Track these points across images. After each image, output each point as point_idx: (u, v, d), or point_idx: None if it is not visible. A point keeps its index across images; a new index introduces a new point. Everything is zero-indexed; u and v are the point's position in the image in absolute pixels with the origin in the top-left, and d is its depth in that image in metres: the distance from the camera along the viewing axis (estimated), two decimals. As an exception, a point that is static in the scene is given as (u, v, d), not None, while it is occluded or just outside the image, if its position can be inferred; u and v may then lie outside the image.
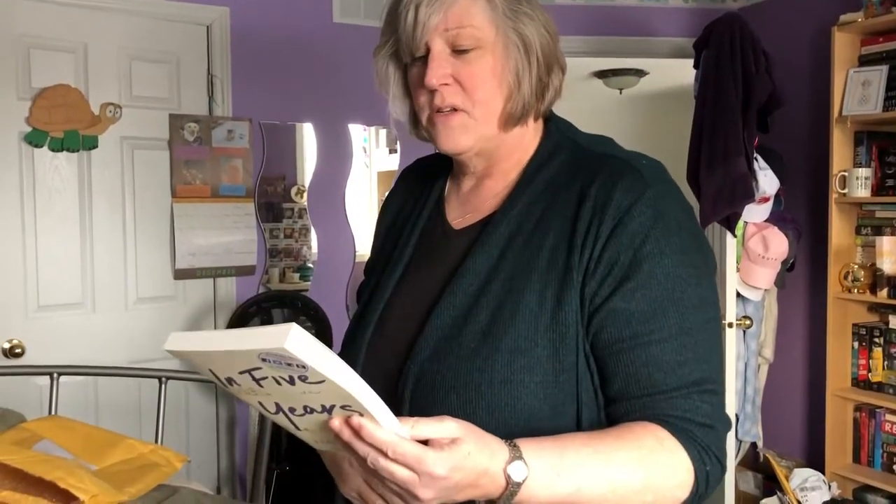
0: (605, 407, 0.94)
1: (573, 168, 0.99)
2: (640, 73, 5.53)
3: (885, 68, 2.96)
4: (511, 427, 0.90)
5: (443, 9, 0.94)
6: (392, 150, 3.78)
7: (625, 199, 0.92)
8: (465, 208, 1.06)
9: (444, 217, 1.08)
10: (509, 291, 0.94)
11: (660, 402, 0.90)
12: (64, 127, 2.80)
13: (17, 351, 2.73)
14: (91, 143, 2.87)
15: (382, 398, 0.86)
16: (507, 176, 1.03)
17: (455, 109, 0.97)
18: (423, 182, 1.15)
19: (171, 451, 1.51)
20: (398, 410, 0.95)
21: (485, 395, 0.91)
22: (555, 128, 1.05)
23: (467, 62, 0.95)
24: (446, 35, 0.95)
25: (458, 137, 0.98)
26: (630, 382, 0.91)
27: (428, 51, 0.96)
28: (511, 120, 0.98)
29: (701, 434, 0.89)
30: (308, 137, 3.45)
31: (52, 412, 2.12)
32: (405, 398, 0.95)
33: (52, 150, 2.80)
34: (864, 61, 3.05)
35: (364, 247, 3.55)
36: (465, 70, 0.95)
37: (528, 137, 1.03)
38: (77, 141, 2.83)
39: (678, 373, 0.90)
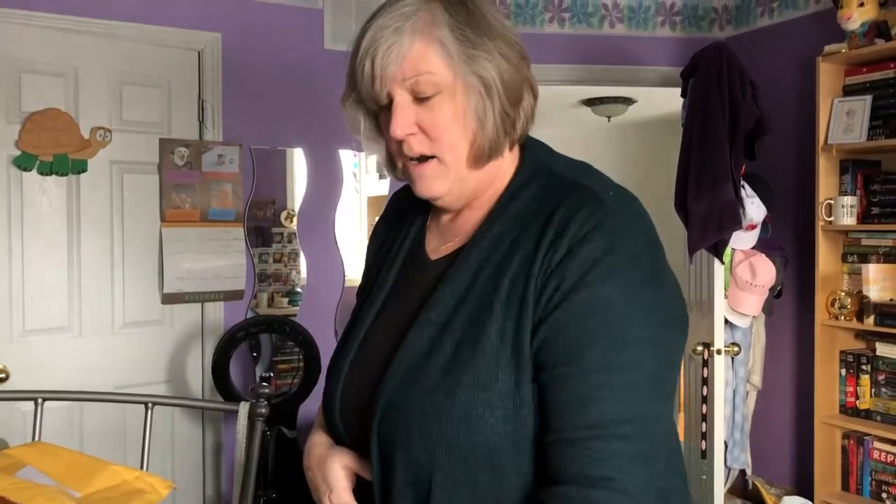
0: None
1: (545, 196, 0.97)
2: (628, 101, 5.58)
3: (868, 98, 3.00)
4: (470, 463, 0.90)
5: (399, 60, 0.93)
6: (382, 176, 3.79)
7: (581, 230, 0.90)
8: (443, 238, 1.06)
9: (424, 246, 1.08)
10: (474, 323, 0.93)
11: (564, 451, 0.87)
12: (53, 150, 2.80)
13: (2, 376, 2.70)
14: (80, 167, 2.86)
15: (355, 429, 0.85)
16: (483, 207, 1.02)
17: (425, 157, 0.97)
18: (410, 208, 1.14)
19: (156, 477, 1.49)
20: (367, 443, 0.96)
21: (445, 431, 0.90)
22: (530, 155, 1.04)
23: (429, 109, 0.95)
24: (405, 84, 0.94)
25: (432, 185, 0.99)
26: (550, 414, 0.89)
27: (391, 100, 0.96)
28: (480, 160, 0.98)
29: (595, 496, 0.85)
30: (298, 162, 3.46)
31: (37, 438, 2.10)
32: (373, 430, 0.95)
33: (41, 173, 2.79)
34: (849, 91, 3.09)
35: (353, 272, 3.54)
36: (428, 117, 0.95)
37: (504, 168, 1.02)
38: (66, 164, 2.83)
39: (589, 409, 0.87)
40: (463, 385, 0.90)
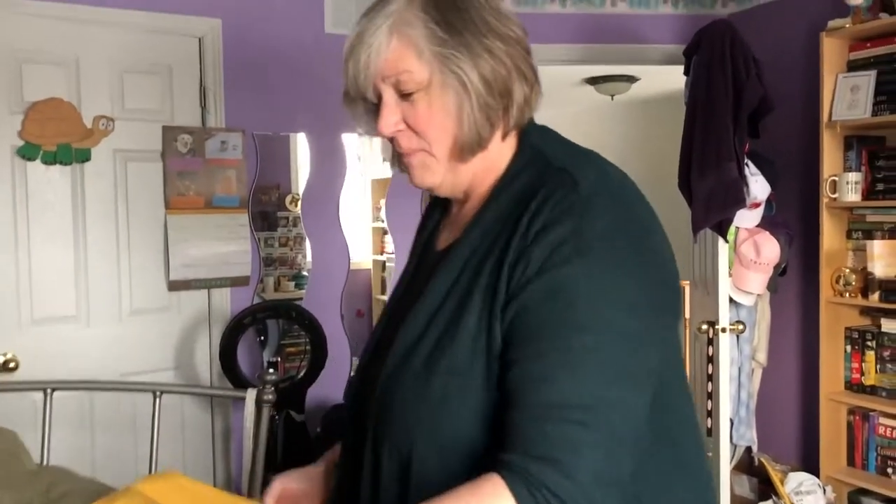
0: None
1: (534, 185, 0.96)
2: (631, 78, 5.56)
3: (873, 73, 2.98)
4: (447, 450, 0.91)
5: (377, 60, 0.96)
6: (386, 159, 3.79)
7: (551, 214, 0.90)
8: (451, 230, 1.09)
9: (437, 238, 1.12)
10: (457, 312, 0.94)
11: (512, 429, 0.86)
12: (56, 140, 2.80)
13: (11, 365, 2.72)
14: (84, 156, 2.87)
15: (363, 415, 0.87)
16: (482, 198, 1.03)
17: (416, 150, 1.00)
18: (438, 200, 1.16)
19: None
20: (367, 428, 1.00)
21: (422, 419, 0.92)
22: (527, 143, 1.03)
23: (413, 105, 0.97)
24: (388, 81, 0.97)
25: (423, 176, 1.02)
26: (505, 395, 0.88)
27: (381, 98, 0.98)
28: (465, 153, 0.99)
29: (535, 469, 0.82)
30: (302, 147, 3.46)
31: (47, 427, 2.12)
32: (372, 415, 0.99)
33: (45, 163, 2.80)
34: (853, 66, 3.08)
35: (358, 255, 3.56)
36: (412, 113, 0.97)
37: (502, 157, 1.02)
38: (70, 154, 2.83)
39: (540, 389, 0.85)
40: (439, 372, 0.92)
